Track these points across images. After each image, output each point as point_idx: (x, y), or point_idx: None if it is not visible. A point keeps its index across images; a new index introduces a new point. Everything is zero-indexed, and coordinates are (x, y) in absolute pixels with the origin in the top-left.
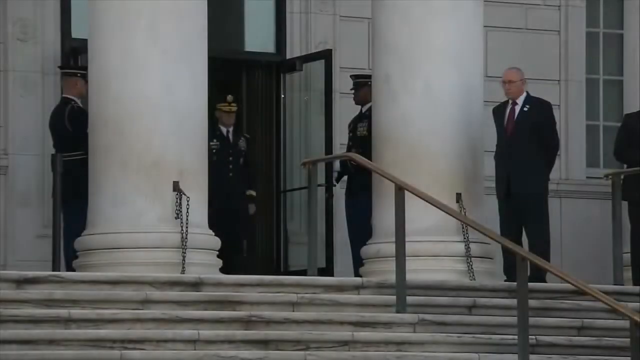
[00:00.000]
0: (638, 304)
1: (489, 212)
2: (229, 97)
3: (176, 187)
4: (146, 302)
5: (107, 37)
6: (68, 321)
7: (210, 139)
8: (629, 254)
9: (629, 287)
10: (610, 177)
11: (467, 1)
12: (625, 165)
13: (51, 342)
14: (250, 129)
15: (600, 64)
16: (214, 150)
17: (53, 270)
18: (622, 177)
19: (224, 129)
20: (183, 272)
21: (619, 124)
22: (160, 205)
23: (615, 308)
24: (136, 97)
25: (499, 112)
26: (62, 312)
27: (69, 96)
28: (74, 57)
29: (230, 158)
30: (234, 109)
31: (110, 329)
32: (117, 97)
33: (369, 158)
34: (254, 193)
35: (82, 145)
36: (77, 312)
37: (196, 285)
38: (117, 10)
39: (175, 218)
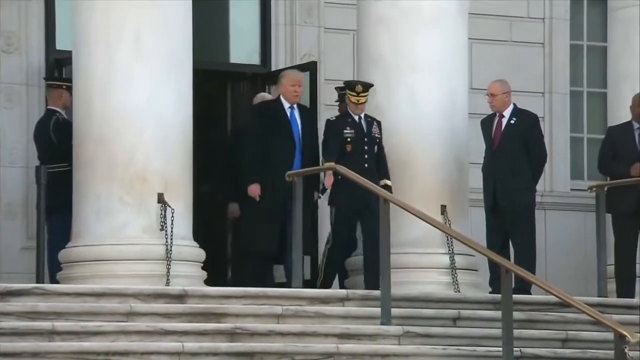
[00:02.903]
0: (622, 316)
1: (474, 224)
2: (358, 87)
3: (161, 199)
4: (131, 315)
5: (91, 49)
6: (52, 333)
7: (343, 127)
8: (613, 266)
9: (613, 299)
10: (594, 189)
11: (451, 13)
12: (609, 178)
13: (35, 354)
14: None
15: (584, 76)
16: (349, 139)
17: (37, 283)
18: (606, 189)
19: (355, 116)
20: (168, 284)
21: (602, 136)
22: (144, 217)
23: (600, 320)
24: (121, 109)
25: (486, 124)
26: (46, 324)
27: (53, 108)
28: (59, 69)
29: (365, 147)
30: (362, 100)
31: (95, 342)
32: (102, 109)
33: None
34: (389, 182)
35: (67, 157)
36: (61, 324)
37: (181, 297)
38: (101, 23)
39: (160, 230)
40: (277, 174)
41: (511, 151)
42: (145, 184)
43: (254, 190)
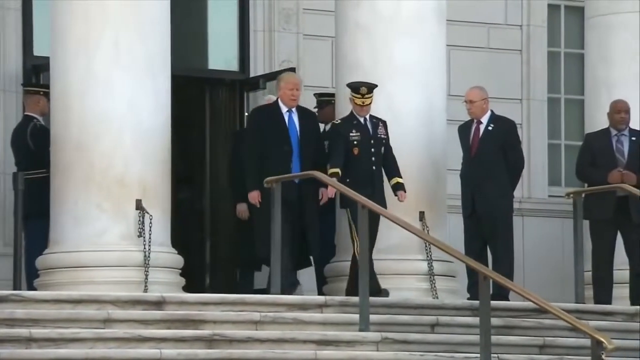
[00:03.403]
0: (599, 322)
1: (452, 230)
2: (363, 89)
3: (139, 205)
4: (108, 321)
5: (69, 54)
6: (29, 340)
7: (349, 130)
8: (590, 272)
9: (590, 305)
10: (571, 195)
11: (430, 20)
12: (586, 184)
13: None
14: (214, 148)
15: (562, 83)
16: (355, 142)
17: (14, 290)
18: (583, 195)
19: (360, 118)
20: (146, 290)
21: (580, 143)
22: (122, 223)
23: (577, 326)
24: (99, 115)
25: (464, 130)
26: (23, 331)
27: (31, 114)
28: (36, 75)
29: (372, 149)
30: (367, 102)
31: (72, 349)
32: (80, 115)
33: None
34: (401, 180)
35: (45, 163)
36: (38, 331)
37: (159, 304)
38: (79, 28)
39: (138, 236)
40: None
41: (489, 157)
42: (124, 190)
43: (254, 197)
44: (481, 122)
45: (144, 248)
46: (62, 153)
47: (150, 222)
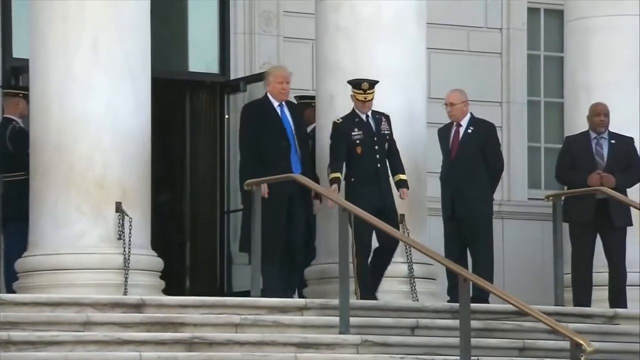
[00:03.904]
0: (579, 324)
1: (432, 233)
2: (365, 85)
3: (119, 207)
4: (87, 324)
5: (49, 56)
6: (8, 343)
7: (350, 129)
8: (570, 274)
9: (570, 308)
10: (551, 198)
11: (410, 23)
12: (566, 187)
13: None
14: (194, 150)
15: (541, 86)
16: (358, 141)
17: None
18: (562, 198)
19: (362, 115)
20: (125, 293)
21: (560, 145)
22: (102, 226)
23: (556, 329)
24: (78, 117)
25: (444, 133)
26: (2, 334)
27: (10, 116)
28: (15, 77)
29: (376, 147)
30: (370, 97)
31: (51, 352)
32: (59, 117)
33: (313, 178)
34: (404, 177)
35: (24, 166)
36: (17, 334)
37: (138, 306)
38: (58, 30)
39: (118, 239)
40: (273, 174)
41: (469, 160)
42: (103, 192)
43: (261, 189)
44: (461, 125)
45: (124, 250)
46: (41, 155)
47: (130, 225)
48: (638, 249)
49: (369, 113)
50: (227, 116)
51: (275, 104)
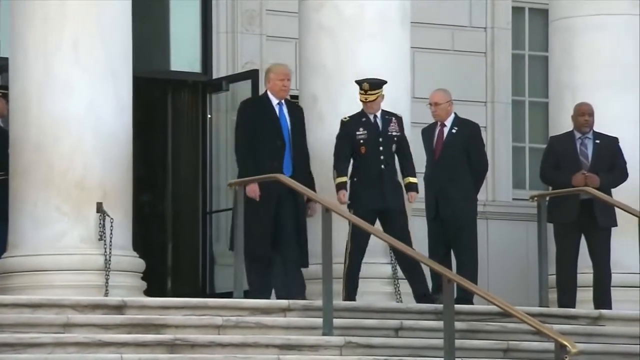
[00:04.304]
0: (563, 326)
1: (416, 233)
2: (365, 85)
3: (99, 208)
4: (68, 326)
5: (29, 56)
6: None
7: (355, 128)
8: (554, 275)
9: (554, 309)
10: (535, 198)
11: (394, 23)
12: (550, 187)
13: None
14: (176, 150)
15: (526, 85)
16: (362, 141)
17: None
18: (547, 199)
19: (370, 115)
20: (106, 294)
21: (544, 145)
22: (83, 226)
23: (541, 330)
24: (59, 117)
25: (427, 133)
26: None
27: None
28: None
29: (381, 148)
30: (371, 98)
31: (31, 354)
32: (39, 117)
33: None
34: (414, 180)
35: (3, 166)
36: None
37: (119, 308)
38: (38, 29)
39: (99, 239)
40: (265, 173)
41: (453, 161)
42: (84, 192)
43: (253, 190)
44: (445, 125)
45: (105, 251)
46: (20, 155)
47: (111, 225)
48: (638, 251)
49: (378, 113)
50: (209, 116)
51: (274, 102)
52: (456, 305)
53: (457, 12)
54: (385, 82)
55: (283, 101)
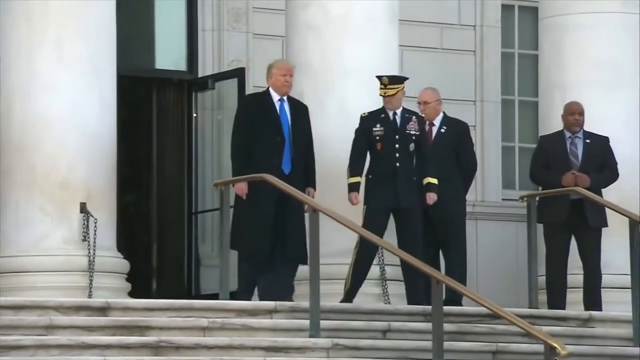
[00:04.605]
0: (553, 327)
1: None
2: (384, 79)
3: (83, 208)
4: (51, 328)
5: (11, 55)
6: None
7: (373, 124)
8: (544, 276)
9: (544, 311)
10: (525, 199)
11: (382, 21)
12: (540, 187)
13: None
14: (161, 149)
15: (516, 84)
16: (378, 137)
17: None
18: (537, 199)
19: (389, 112)
20: (90, 296)
21: (534, 145)
22: (66, 227)
23: (530, 332)
24: (42, 116)
25: None
26: None
27: None
28: None
29: (397, 145)
30: (390, 93)
31: (13, 356)
32: (23, 117)
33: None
34: (434, 180)
35: None
36: None
37: (103, 309)
38: (21, 28)
39: (83, 240)
40: (268, 171)
41: (441, 160)
42: (67, 192)
43: (241, 188)
44: (434, 124)
45: (89, 252)
46: (3, 155)
47: (95, 226)
48: (629, 252)
49: (398, 111)
50: (194, 115)
51: (276, 98)
52: (445, 307)
53: (445, 10)
54: (407, 78)
55: (285, 98)
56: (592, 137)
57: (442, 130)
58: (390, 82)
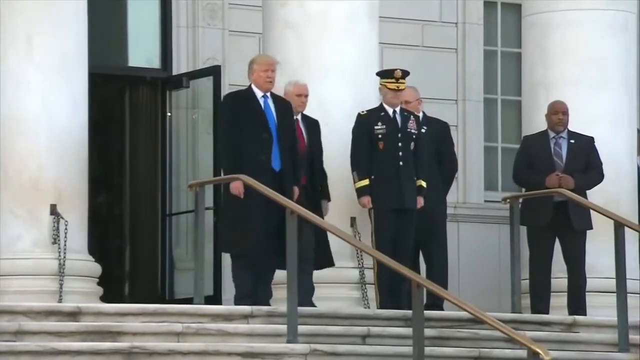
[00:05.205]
0: (536, 332)
1: None
2: (397, 72)
3: (54, 210)
4: (20, 333)
5: None
6: None
7: (374, 122)
8: (527, 280)
9: (527, 315)
10: (508, 200)
11: (361, 18)
12: (524, 189)
13: None
14: (134, 149)
15: (499, 83)
16: (380, 136)
17: None
18: (520, 200)
19: (389, 109)
20: (60, 300)
21: (517, 145)
22: (36, 229)
23: (513, 337)
24: (11, 115)
25: None
26: None
27: None
28: None
29: (400, 144)
30: (402, 87)
31: None
32: None
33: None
34: (424, 183)
35: None
36: None
37: (74, 314)
38: None
39: (53, 243)
40: (254, 169)
41: None
42: (38, 194)
43: (238, 187)
44: None
45: (59, 255)
46: None
47: (66, 228)
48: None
49: (397, 109)
50: (169, 114)
51: (259, 94)
52: (426, 312)
53: (426, 7)
54: (409, 73)
55: (268, 94)
56: (577, 137)
57: (422, 130)
58: (403, 76)
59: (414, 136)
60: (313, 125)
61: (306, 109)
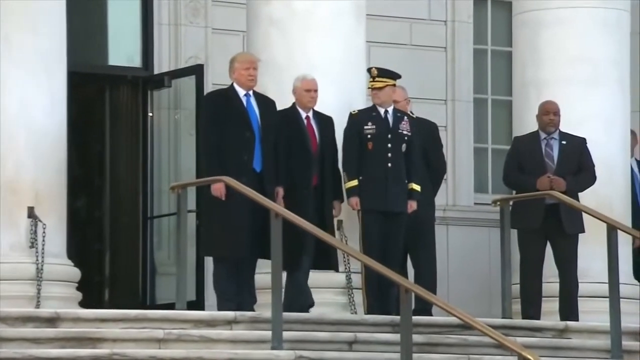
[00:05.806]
0: (527, 338)
1: None
2: (373, 71)
3: (31, 213)
4: None
5: None
6: None
7: (364, 122)
8: (518, 285)
9: (518, 321)
10: (498, 203)
11: (348, 15)
12: (514, 191)
13: None
14: (114, 151)
15: (489, 83)
16: (369, 136)
17: None
18: (510, 203)
19: (381, 109)
20: (38, 306)
21: (508, 146)
22: (13, 233)
23: (503, 343)
24: None
25: None
26: None
27: None
28: None
29: (389, 145)
30: (377, 85)
31: None
32: None
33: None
34: (417, 187)
35: None
36: None
37: (52, 320)
38: None
39: (30, 247)
40: (238, 169)
41: None
42: (15, 196)
43: (219, 188)
44: None
45: (37, 260)
46: None
47: (44, 232)
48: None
49: (390, 109)
50: (150, 114)
51: (241, 93)
52: (414, 317)
53: (415, 4)
54: (399, 76)
55: (251, 92)
56: (568, 138)
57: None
58: (379, 75)
59: (406, 138)
60: (326, 122)
61: (287, 106)
